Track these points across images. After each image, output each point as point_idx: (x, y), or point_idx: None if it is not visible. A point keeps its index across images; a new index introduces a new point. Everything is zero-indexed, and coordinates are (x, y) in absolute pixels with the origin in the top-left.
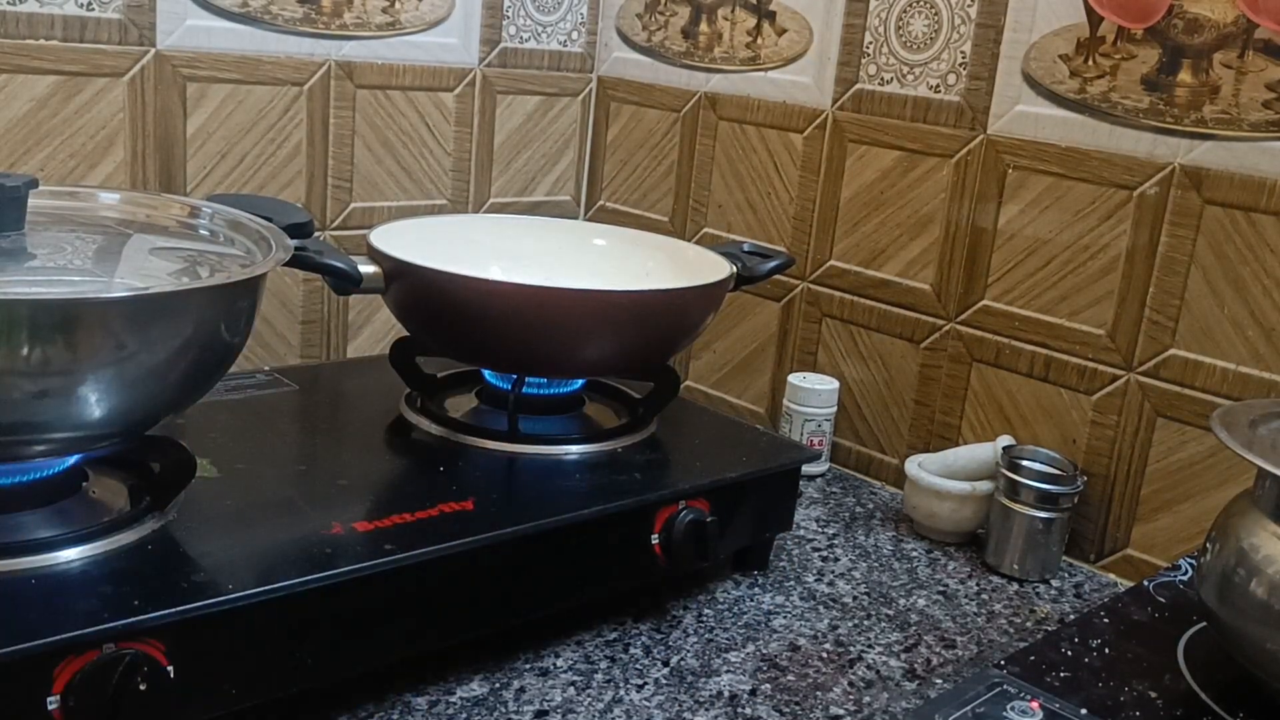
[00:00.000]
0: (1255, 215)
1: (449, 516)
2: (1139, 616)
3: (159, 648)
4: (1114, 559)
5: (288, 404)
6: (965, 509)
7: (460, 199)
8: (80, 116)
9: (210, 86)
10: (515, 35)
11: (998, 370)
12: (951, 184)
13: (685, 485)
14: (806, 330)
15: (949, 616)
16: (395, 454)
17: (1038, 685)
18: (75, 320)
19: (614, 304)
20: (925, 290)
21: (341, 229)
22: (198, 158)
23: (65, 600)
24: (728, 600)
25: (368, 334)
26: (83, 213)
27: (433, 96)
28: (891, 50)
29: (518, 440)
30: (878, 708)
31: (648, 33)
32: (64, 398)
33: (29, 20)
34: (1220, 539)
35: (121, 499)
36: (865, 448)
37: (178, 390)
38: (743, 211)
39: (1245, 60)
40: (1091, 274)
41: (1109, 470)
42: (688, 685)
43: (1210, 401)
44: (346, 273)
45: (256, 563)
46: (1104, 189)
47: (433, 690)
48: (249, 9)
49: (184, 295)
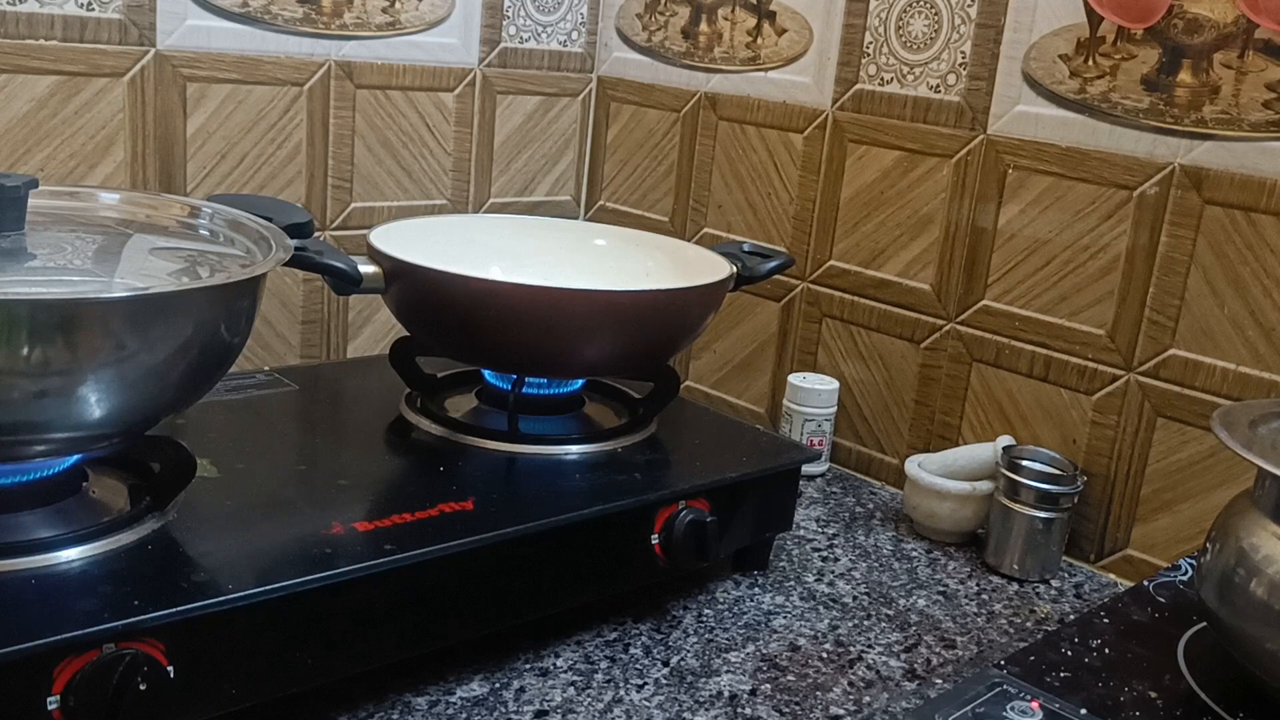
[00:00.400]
0: (1255, 215)
1: (449, 516)
2: (1139, 617)
3: (159, 648)
4: (1114, 559)
5: (288, 404)
6: (965, 509)
7: (460, 199)
8: (80, 116)
9: (210, 86)
10: (515, 35)
11: (998, 370)
12: (951, 184)
13: (685, 485)
14: (806, 330)
15: (949, 616)
16: (395, 454)
17: (1038, 685)
18: (75, 320)
19: (614, 304)
20: (925, 290)
21: (341, 229)
22: (198, 158)
23: (65, 600)
24: (728, 600)
25: (368, 334)
26: (83, 213)
27: (433, 96)
28: (891, 50)
29: (518, 440)
30: (878, 708)
31: (648, 33)
32: (64, 398)
33: (29, 20)
34: (1220, 539)
35: (121, 499)
36: (865, 448)
37: (178, 390)
38: (743, 211)
39: (1245, 60)
40: (1091, 274)
41: (1109, 470)
42: (688, 685)
43: (1210, 401)
44: (346, 273)
45: (256, 563)
46: (1104, 189)
47: (433, 690)
48: (249, 9)
49: (184, 295)
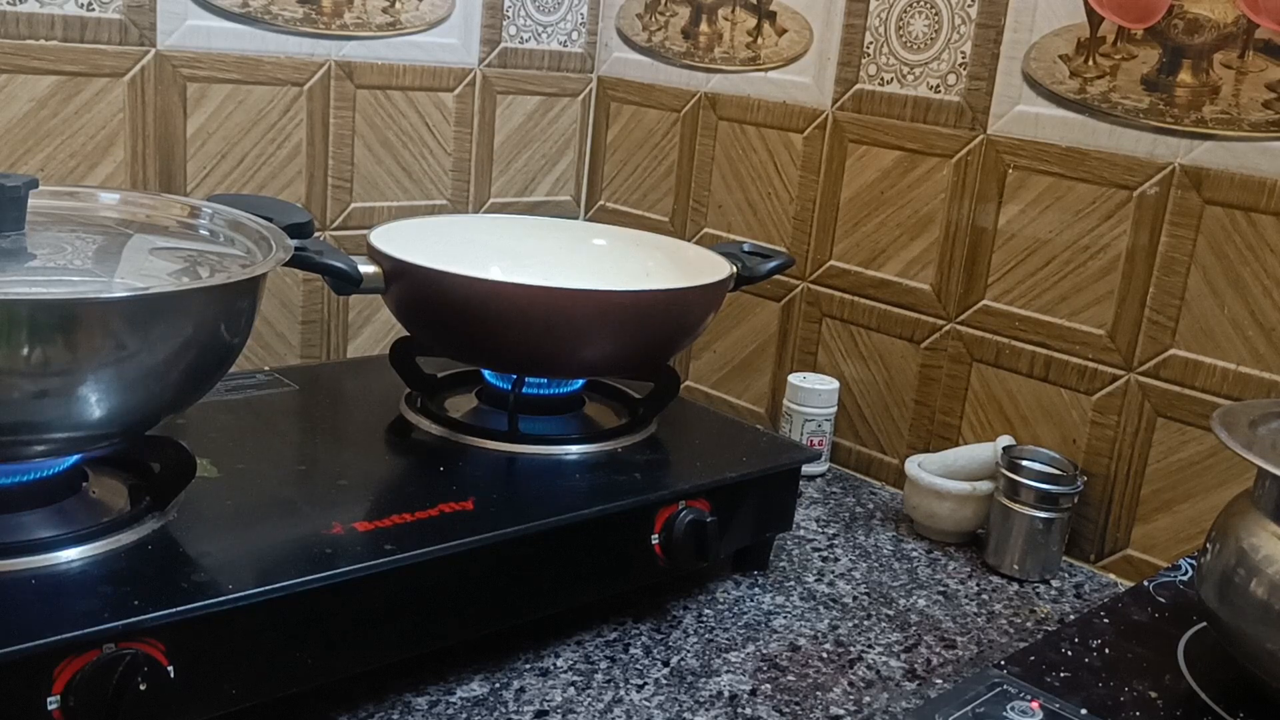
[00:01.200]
0: (1255, 215)
1: (449, 516)
2: (1139, 617)
3: (159, 648)
4: (1114, 559)
5: (288, 404)
6: (965, 509)
7: (460, 199)
8: (80, 117)
9: (210, 87)
10: (515, 35)
11: (998, 370)
12: (951, 184)
13: (685, 485)
14: (806, 330)
15: (949, 617)
16: (395, 454)
17: (1038, 685)
18: (75, 320)
19: (614, 304)
20: (925, 290)
21: (341, 229)
22: (198, 158)
23: (65, 600)
24: (728, 600)
25: (368, 334)
26: (83, 213)
27: (433, 97)
28: (892, 50)
29: (518, 440)
30: (878, 708)
31: (648, 33)
32: (64, 398)
33: (29, 20)
34: (1220, 539)
35: (122, 499)
36: (865, 448)
37: (178, 390)
38: (743, 211)
39: (1245, 60)
40: (1092, 274)
41: (1109, 470)
42: (688, 685)
43: (1210, 401)
44: (346, 273)
45: (256, 563)
46: (1104, 189)
47: (433, 690)
48: (249, 9)
49: (184, 295)
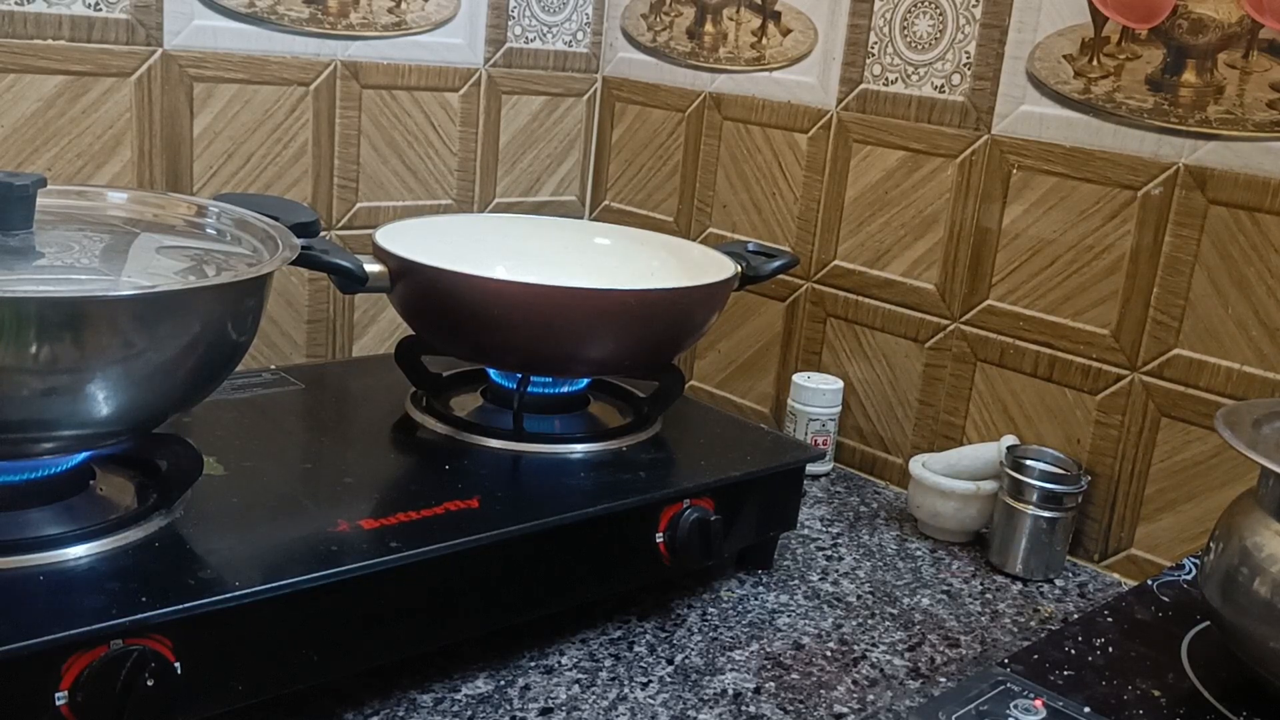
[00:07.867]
0: (1260, 215)
1: (454, 515)
2: (1143, 616)
3: (166, 644)
4: (1118, 558)
5: (294, 403)
6: (969, 508)
7: (465, 199)
8: (87, 116)
9: (217, 86)
10: (520, 35)
11: (1002, 370)
12: (956, 184)
13: (690, 484)
14: (811, 330)
15: (953, 616)
16: (401, 452)
17: (1041, 684)
18: (83, 318)
19: (619, 303)
20: (930, 290)
21: (347, 228)
22: (204, 157)
23: (73, 597)
24: (732, 599)
25: (373, 333)
26: (90, 212)
27: (438, 96)
28: (896, 50)
29: (523, 439)
30: (881, 706)
31: (653, 33)
32: (71, 395)
33: (36, 20)
34: (1224, 538)
35: (129, 496)
36: (869, 447)
37: (184, 388)
38: (747, 211)
39: (1250, 60)
40: (1096, 274)
41: (1113, 470)
42: (692, 683)
43: (1214, 401)
44: (352, 272)
45: (263, 560)
46: (1108, 189)
47: (438, 687)
48: (255, 9)
49: (191, 294)
